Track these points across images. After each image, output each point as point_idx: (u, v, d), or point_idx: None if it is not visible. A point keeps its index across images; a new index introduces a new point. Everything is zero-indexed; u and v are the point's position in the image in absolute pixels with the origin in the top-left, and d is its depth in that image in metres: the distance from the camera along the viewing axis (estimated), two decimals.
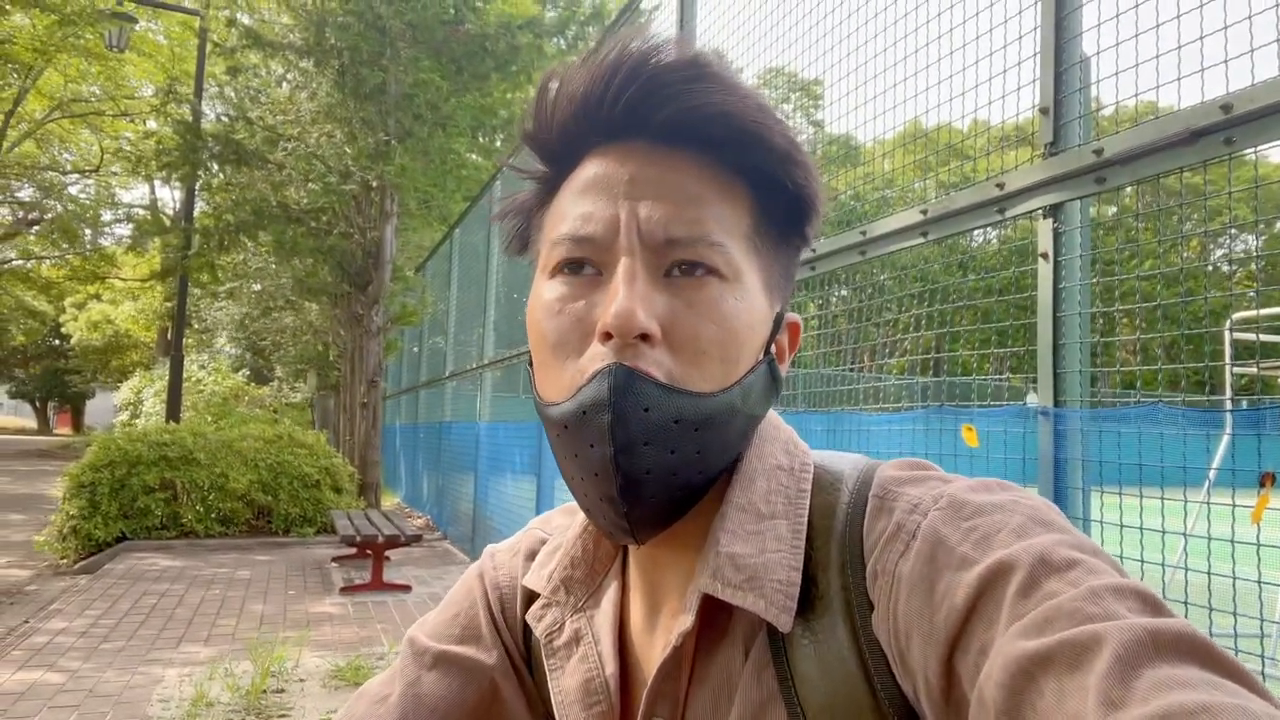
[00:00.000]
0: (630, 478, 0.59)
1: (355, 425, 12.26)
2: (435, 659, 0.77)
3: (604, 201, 0.63)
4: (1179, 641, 0.42)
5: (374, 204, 11.81)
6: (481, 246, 9.98)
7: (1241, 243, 20.11)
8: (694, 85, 0.61)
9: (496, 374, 9.03)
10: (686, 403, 0.59)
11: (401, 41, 10.64)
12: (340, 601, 6.76)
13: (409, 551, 9.30)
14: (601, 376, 0.58)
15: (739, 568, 0.62)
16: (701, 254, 0.61)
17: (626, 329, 0.58)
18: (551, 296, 0.64)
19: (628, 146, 0.64)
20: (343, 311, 12.75)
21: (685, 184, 0.62)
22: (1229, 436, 2.13)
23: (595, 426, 0.58)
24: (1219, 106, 1.85)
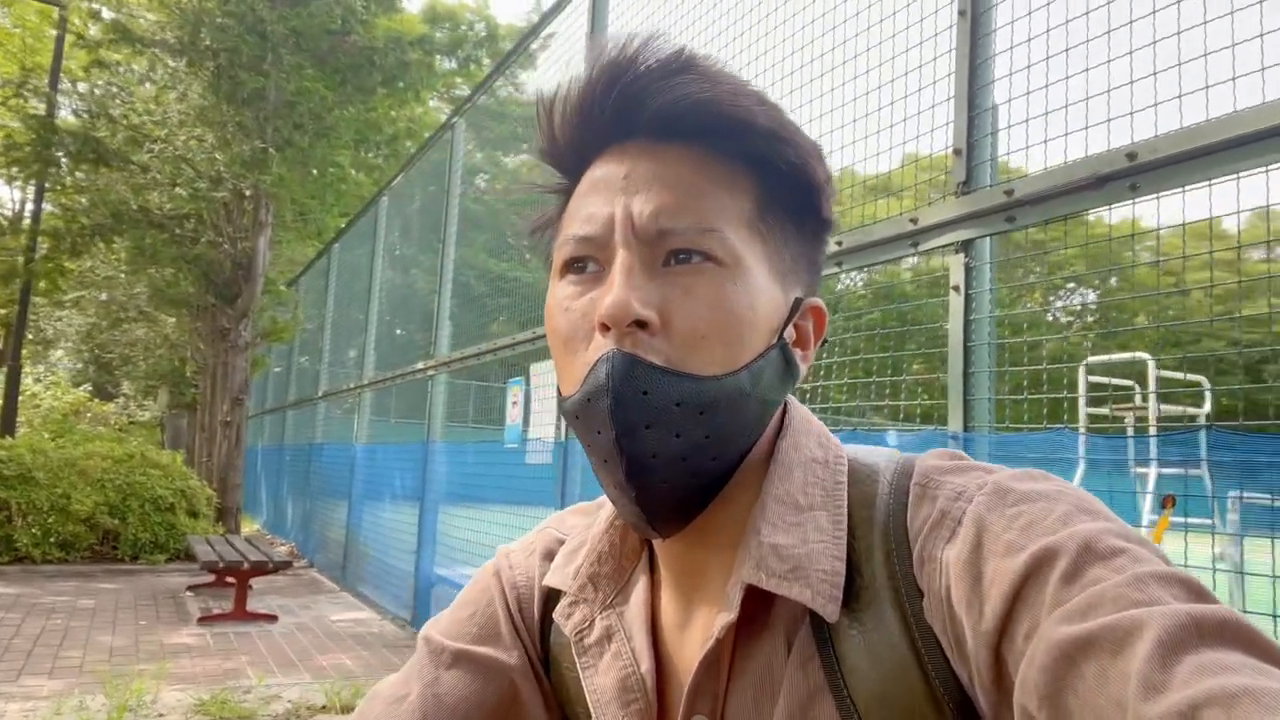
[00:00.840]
0: (635, 461, 0.60)
1: (215, 446, 11.58)
2: (454, 658, 0.74)
3: (602, 200, 0.64)
4: (1223, 627, 0.42)
5: (247, 213, 11.28)
6: (364, 264, 9.68)
7: (1080, 296, 21.78)
8: (674, 79, 0.62)
9: (376, 396, 8.74)
10: (687, 385, 0.60)
11: (284, 48, 10.27)
12: (199, 632, 6.32)
13: (273, 580, 8.81)
14: (601, 363, 0.60)
15: (783, 558, 0.62)
16: (695, 241, 0.62)
17: (621, 317, 0.59)
18: (561, 296, 0.66)
19: (624, 146, 0.66)
20: (205, 325, 12.07)
21: (679, 175, 0.63)
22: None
23: (598, 412, 0.60)
24: (1124, 154, 2.00)
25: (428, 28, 15.10)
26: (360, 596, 8.13)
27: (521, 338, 5.02)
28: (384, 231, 9.15)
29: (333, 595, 8.41)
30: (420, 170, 8.27)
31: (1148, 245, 2.29)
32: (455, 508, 6.26)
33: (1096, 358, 6.80)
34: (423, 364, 6.93)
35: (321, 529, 10.09)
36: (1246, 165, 1.78)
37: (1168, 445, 2.84)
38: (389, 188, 9.08)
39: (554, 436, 4.60)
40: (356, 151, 12.33)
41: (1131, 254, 2.51)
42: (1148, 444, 2.18)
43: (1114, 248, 2.42)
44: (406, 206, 8.81)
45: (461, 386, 7.09)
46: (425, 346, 7.25)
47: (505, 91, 6.94)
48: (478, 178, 7.71)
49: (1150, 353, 6.96)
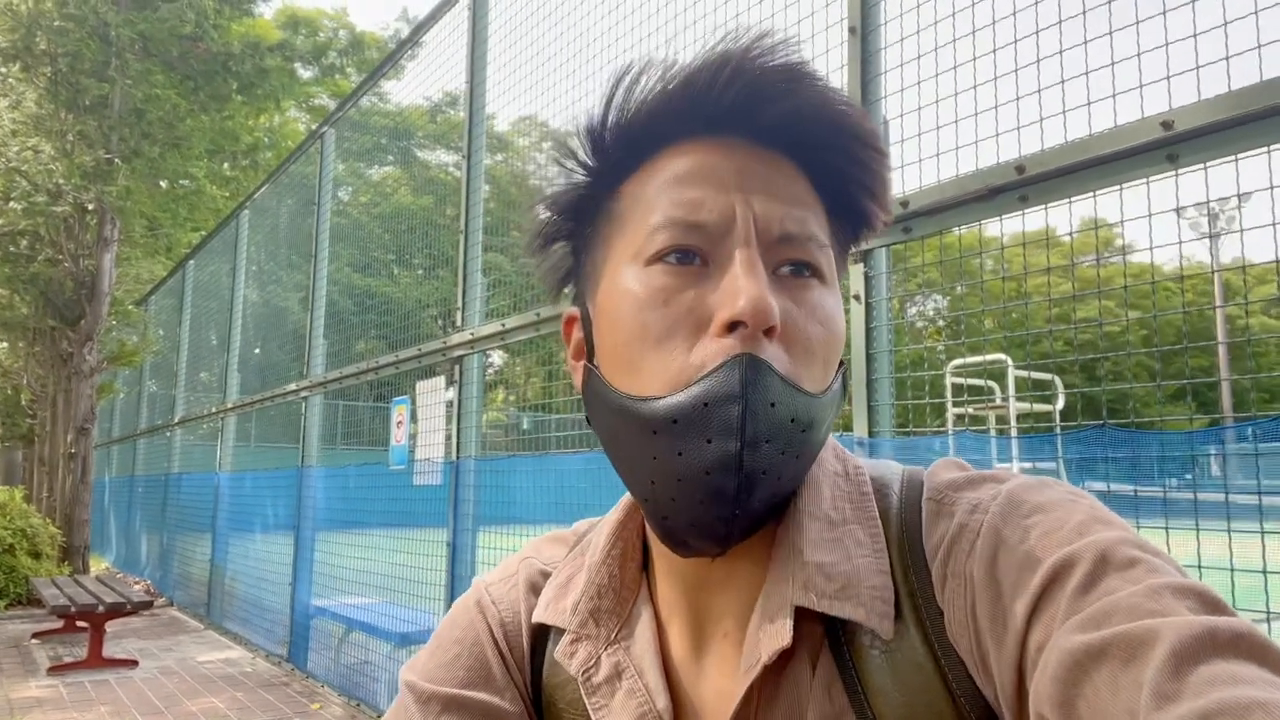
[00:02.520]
0: (750, 477, 0.56)
1: (58, 480, 10.69)
2: (445, 705, 0.68)
3: (714, 190, 0.60)
4: (1237, 640, 0.42)
5: (90, 229, 10.49)
6: (223, 282, 9.17)
7: (934, 302, 23.06)
8: (801, 85, 0.61)
9: (240, 420, 8.28)
10: (801, 401, 0.58)
11: (130, 53, 9.62)
12: (50, 683, 5.80)
13: (129, 622, 8.21)
14: (731, 366, 0.55)
15: (830, 577, 0.59)
16: (811, 254, 0.61)
17: (762, 318, 0.56)
18: (654, 286, 0.60)
19: (728, 141, 0.62)
20: (45, 349, 11.15)
21: (788, 184, 0.62)
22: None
23: (720, 420, 0.55)
24: (1014, 167, 2.10)
25: (285, 34, 14.51)
26: (228, 634, 7.67)
27: (406, 354, 4.86)
28: (245, 247, 8.70)
29: (197, 634, 7.89)
30: (284, 183, 7.91)
31: (994, 255, 2.43)
32: (335, 535, 5.98)
33: (959, 361, 7.17)
34: (295, 385, 6.61)
35: (182, 564, 9.47)
36: (1129, 177, 1.89)
37: (1041, 443, 3.00)
38: (250, 201, 8.64)
39: (443, 456, 4.46)
40: (211, 162, 11.68)
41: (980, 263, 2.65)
42: (1010, 443, 2.31)
43: (965, 259, 2.55)
44: (270, 221, 8.40)
45: (329, 408, 6.80)
46: (296, 367, 6.92)
47: (368, 101, 6.73)
48: (340, 190, 7.42)
49: (1007, 355, 7.39)
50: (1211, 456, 2.16)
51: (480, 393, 4.40)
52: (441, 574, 4.30)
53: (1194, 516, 1.67)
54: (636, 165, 0.65)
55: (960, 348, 8.04)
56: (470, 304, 4.44)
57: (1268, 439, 1.78)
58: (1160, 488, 1.78)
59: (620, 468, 0.63)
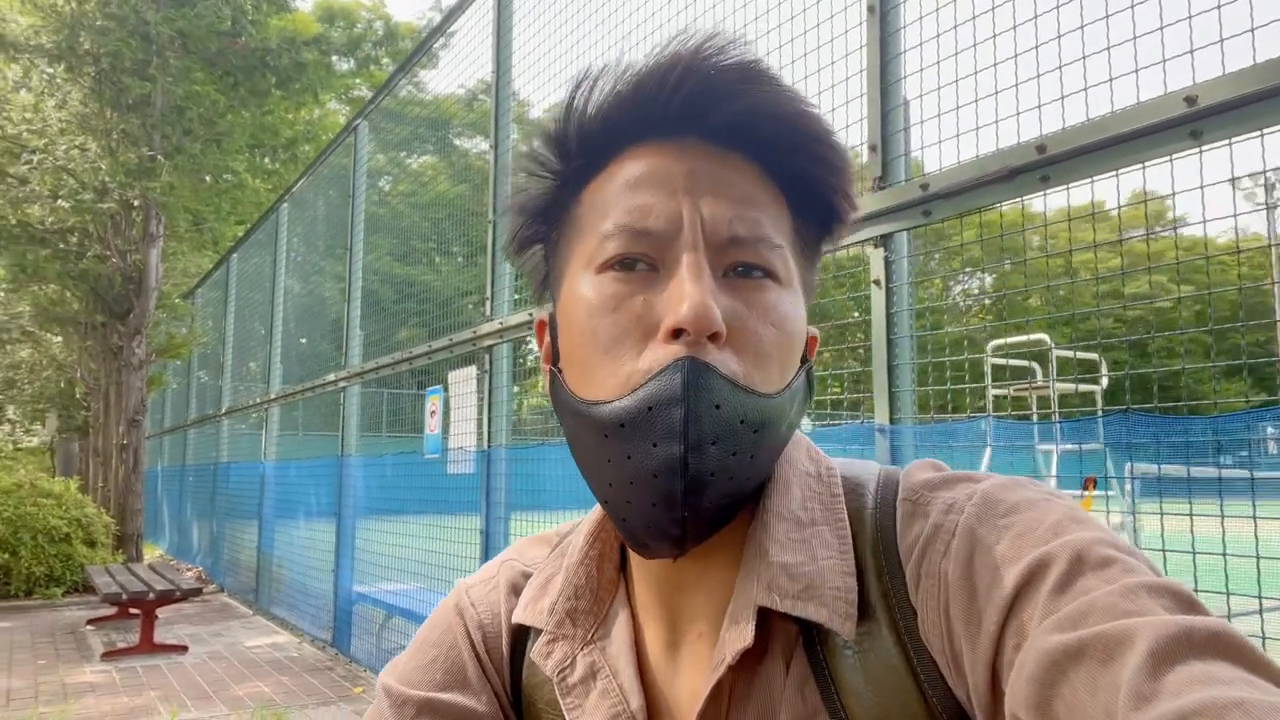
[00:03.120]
0: (696, 479, 0.56)
1: (111, 470, 11.01)
2: (419, 708, 0.69)
3: (663, 195, 0.60)
4: (1214, 639, 0.42)
5: (136, 225, 10.74)
6: (265, 274, 9.33)
7: (978, 280, 22.61)
8: (753, 85, 0.60)
9: (284, 410, 8.44)
10: (751, 402, 0.57)
11: (170, 50, 9.80)
12: (103, 668, 5.99)
13: (181, 608, 8.44)
14: (673, 369, 0.56)
15: (794, 577, 0.60)
16: (762, 256, 0.60)
17: (703, 325, 0.56)
18: (604, 293, 0.61)
19: (681, 143, 0.62)
20: (96, 343, 11.46)
21: (742, 184, 0.62)
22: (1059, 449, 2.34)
23: (664, 423, 0.55)
24: (1034, 147, 2.05)
25: (322, 27, 14.67)
26: (276, 620, 7.85)
27: (439, 344, 4.91)
28: (285, 239, 8.84)
29: (246, 620, 8.09)
30: (322, 175, 8.01)
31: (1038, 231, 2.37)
32: (374, 522, 6.09)
33: (998, 341, 7.05)
34: (334, 375, 6.72)
35: (231, 551, 9.71)
36: (1152, 155, 1.84)
37: (1076, 426, 2.94)
38: (289, 194, 8.77)
39: (475, 445, 4.50)
40: (252, 157, 11.87)
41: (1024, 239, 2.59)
42: (1052, 427, 2.26)
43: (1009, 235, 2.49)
44: (308, 212, 8.53)
45: (373, 395, 6.90)
46: (335, 357, 7.03)
47: (406, 91, 6.77)
48: (380, 180, 7.50)
49: (1048, 334, 7.25)
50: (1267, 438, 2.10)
51: (509, 382, 4.43)
52: (475, 560, 4.36)
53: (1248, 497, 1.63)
54: (597, 169, 0.65)
55: (1000, 328, 7.91)
56: (499, 293, 4.46)
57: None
58: (1184, 468, 1.73)
59: (582, 471, 0.63)
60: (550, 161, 0.67)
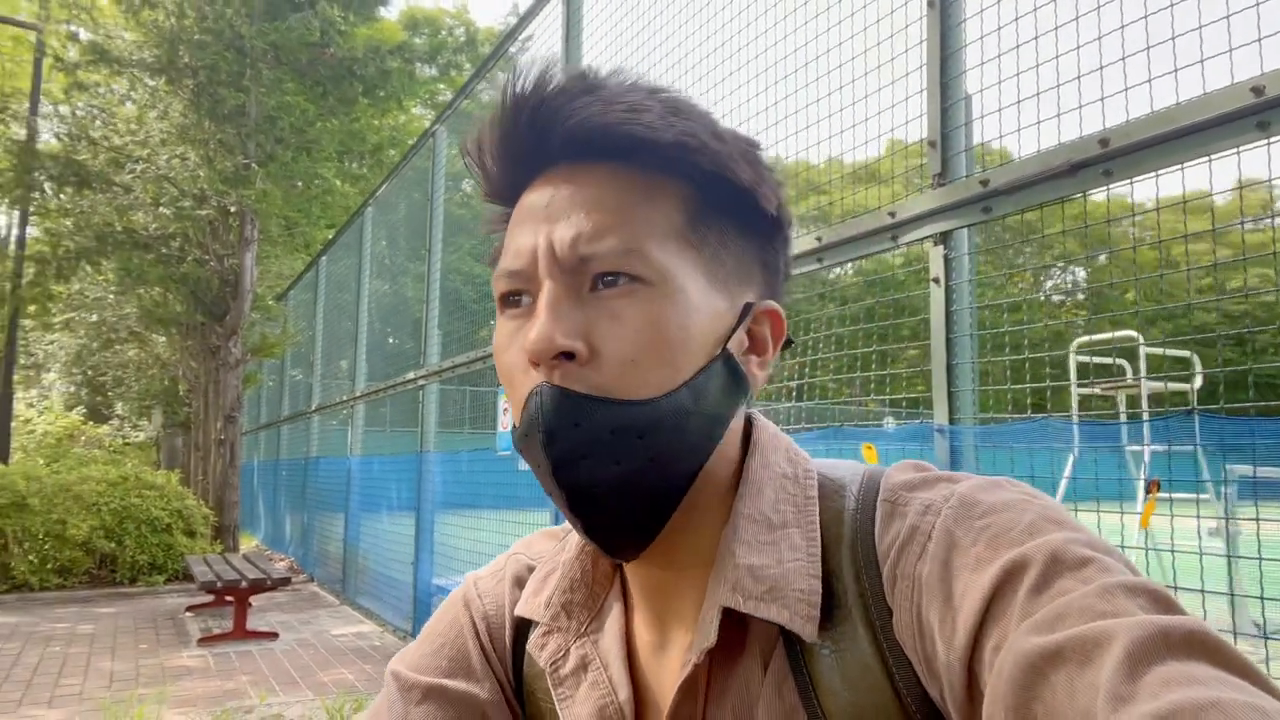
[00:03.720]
0: (574, 492, 0.59)
1: (210, 464, 11.55)
2: (425, 693, 0.73)
3: (528, 232, 0.63)
4: (1190, 639, 0.42)
5: (232, 230, 11.23)
6: (351, 276, 9.65)
7: (1071, 274, 21.81)
8: (577, 101, 0.62)
9: (369, 407, 8.72)
10: (620, 412, 0.59)
11: (263, 62, 10.23)
12: (199, 653, 6.30)
13: (273, 597, 8.80)
14: (531, 397, 0.59)
15: (758, 579, 0.61)
16: (618, 263, 0.60)
17: (544, 351, 0.59)
18: (502, 332, 0.65)
19: (547, 174, 0.65)
20: (196, 343, 12.03)
21: (599, 196, 0.62)
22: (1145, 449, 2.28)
23: (534, 446, 0.59)
24: (1097, 141, 1.99)
25: (407, 35, 15.07)
26: (361, 609, 8.11)
27: None
28: (370, 242, 9.13)
29: (333, 609, 8.39)
30: (404, 179, 8.25)
31: (1132, 223, 2.27)
32: (451, 516, 6.25)
33: (1085, 338, 6.81)
34: (413, 374, 6.91)
35: (320, 543, 10.07)
36: (1218, 147, 1.77)
37: (1153, 427, 2.84)
38: (373, 198, 9.05)
39: None
40: (340, 163, 12.28)
41: (1108, 232, 2.49)
42: (1132, 428, 2.18)
43: (1098, 227, 2.41)
44: (391, 216, 8.79)
45: (456, 393, 7.07)
46: (415, 356, 7.23)
47: (489, 95, 6.92)
48: (464, 183, 7.69)
49: (1138, 331, 6.96)
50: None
51: None
52: None
53: None
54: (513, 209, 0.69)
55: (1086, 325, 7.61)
56: None
57: None
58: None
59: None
60: (498, 213, 0.72)
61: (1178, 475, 2.16)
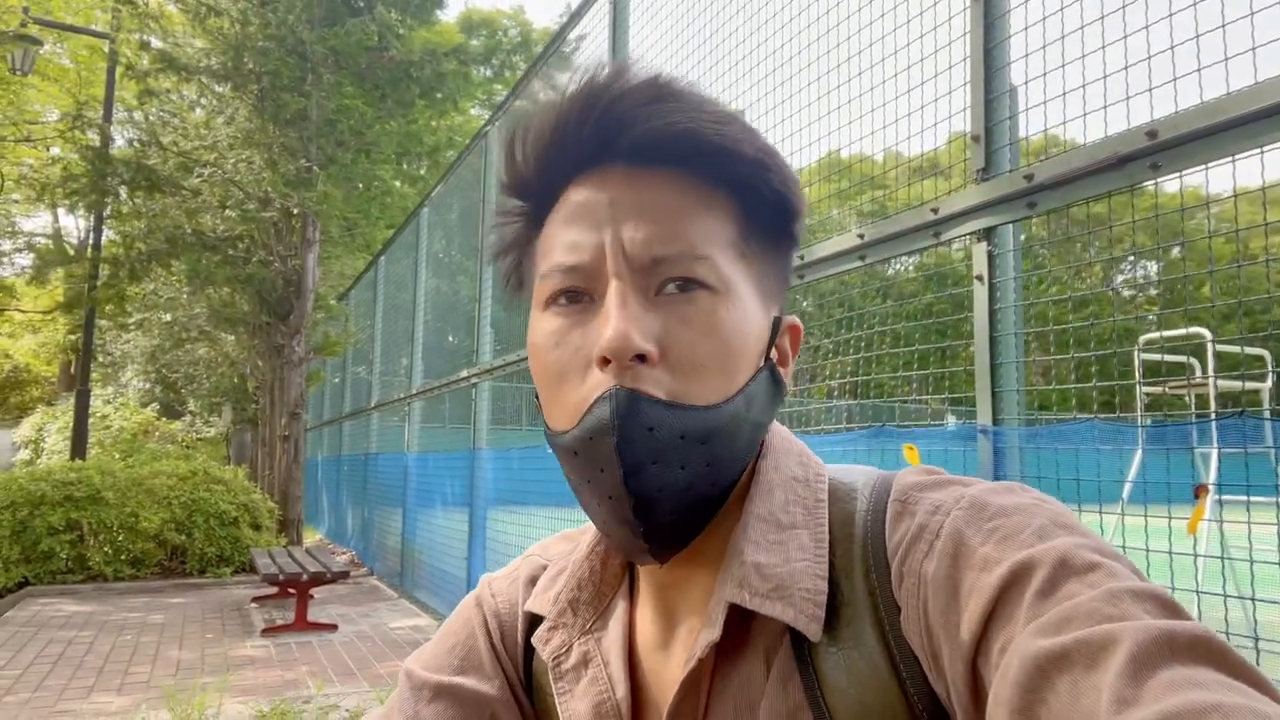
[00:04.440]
0: (643, 499, 0.59)
1: (275, 459, 11.87)
2: (435, 692, 0.74)
3: (588, 228, 0.63)
4: (1195, 644, 0.43)
5: (295, 231, 11.53)
6: (408, 275, 9.83)
7: (1141, 268, 21.11)
8: (656, 105, 0.62)
9: (425, 404, 8.87)
10: (690, 417, 0.60)
11: (324, 67, 10.47)
12: (262, 644, 6.49)
13: (334, 589, 9.01)
14: (603, 401, 0.59)
15: (765, 577, 0.62)
16: (689, 269, 0.62)
17: (623, 351, 0.59)
18: (549, 329, 0.65)
19: (605, 172, 0.65)
20: (262, 342, 12.37)
21: (665, 201, 0.63)
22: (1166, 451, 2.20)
23: (602, 451, 0.59)
24: (1144, 133, 1.93)
25: (464, 37, 15.27)
26: (418, 603, 8.26)
27: None
28: (426, 242, 9.28)
29: (392, 602, 8.56)
30: (460, 179, 8.37)
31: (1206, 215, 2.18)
32: (503, 512, 6.33)
33: (1152, 335, 6.60)
34: (466, 372, 7.01)
35: (379, 537, 10.28)
36: (1271, 139, 1.70)
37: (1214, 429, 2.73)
38: (429, 198, 9.20)
39: None
40: (399, 164, 12.52)
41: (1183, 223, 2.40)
42: (1187, 430, 2.10)
43: (1170, 218, 2.32)
44: (447, 216, 8.92)
45: (511, 390, 7.15)
46: (469, 354, 7.33)
47: (545, 95, 6.97)
48: None
49: (1208, 329, 6.72)
50: None
51: None
52: None
53: None
54: (547, 209, 0.68)
55: (1153, 321, 7.37)
56: None
57: None
58: None
59: (572, 490, 0.68)
60: (513, 205, 0.71)
61: (1252, 480, 2.07)
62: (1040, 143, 2.41)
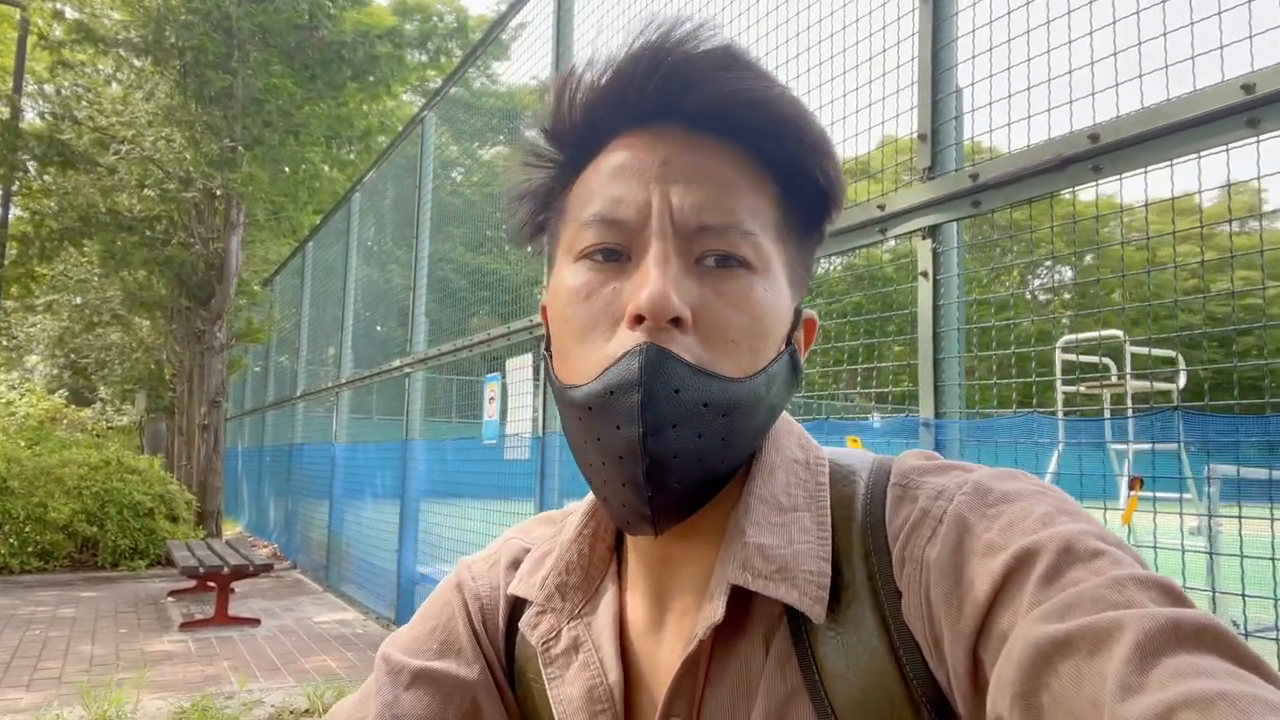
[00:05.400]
0: (657, 460, 0.58)
1: (194, 449, 11.48)
2: (414, 676, 0.72)
3: (636, 185, 0.62)
4: (1200, 632, 0.43)
5: (218, 213, 11.14)
6: (338, 262, 9.59)
7: (1058, 273, 21.93)
8: (727, 72, 0.61)
9: (354, 394, 8.68)
10: (716, 386, 0.59)
11: (251, 44, 10.13)
12: (180, 638, 6.27)
13: (256, 583, 8.76)
14: (631, 356, 0.57)
15: (769, 558, 0.61)
16: (734, 243, 0.61)
17: (660, 311, 0.57)
18: (578, 281, 0.63)
19: (659, 131, 0.63)
20: (180, 327, 11.94)
21: (719, 171, 0.62)
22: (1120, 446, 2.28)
23: (624, 407, 0.57)
24: (1086, 136, 1.99)
25: (397, 20, 14.97)
26: (344, 597, 8.09)
27: (497, 333, 4.99)
28: (357, 228, 9.08)
29: (316, 596, 8.36)
30: (392, 165, 8.20)
31: (1121, 223, 2.28)
32: (436, 504, 6.23)
33: (1070, 336, 6.85)
34: (399, 361, 6.88)
35: (304, 530, 10.03)
36: (1207, 144, 1.77)
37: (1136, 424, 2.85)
38: (361, 184, 8.99)
39: (531, 432, 4.57)
40: (329, 148, 12.19)
41: (1097, 230, 2.49)
42: (1115, 425, 2.18)
43: (1087, 226, 2.41)
44: (379, 202, 8.74)
45: (444, 382, 7.04)
46: (402, 343, 7.20)
47: (480, 83, 6.87)
48: (454, 171, 7.64)
49: (1123, 331, 6.98)
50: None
51: None
52: None
53: None
54: (587, 159, 0.67)
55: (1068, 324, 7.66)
56: None
57: None
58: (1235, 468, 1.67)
59: (571, 451, 0.66)
60: (547, 152, 0.69)
61: (1161, 473, 2.17)
62: (984, 144, 2.47)
